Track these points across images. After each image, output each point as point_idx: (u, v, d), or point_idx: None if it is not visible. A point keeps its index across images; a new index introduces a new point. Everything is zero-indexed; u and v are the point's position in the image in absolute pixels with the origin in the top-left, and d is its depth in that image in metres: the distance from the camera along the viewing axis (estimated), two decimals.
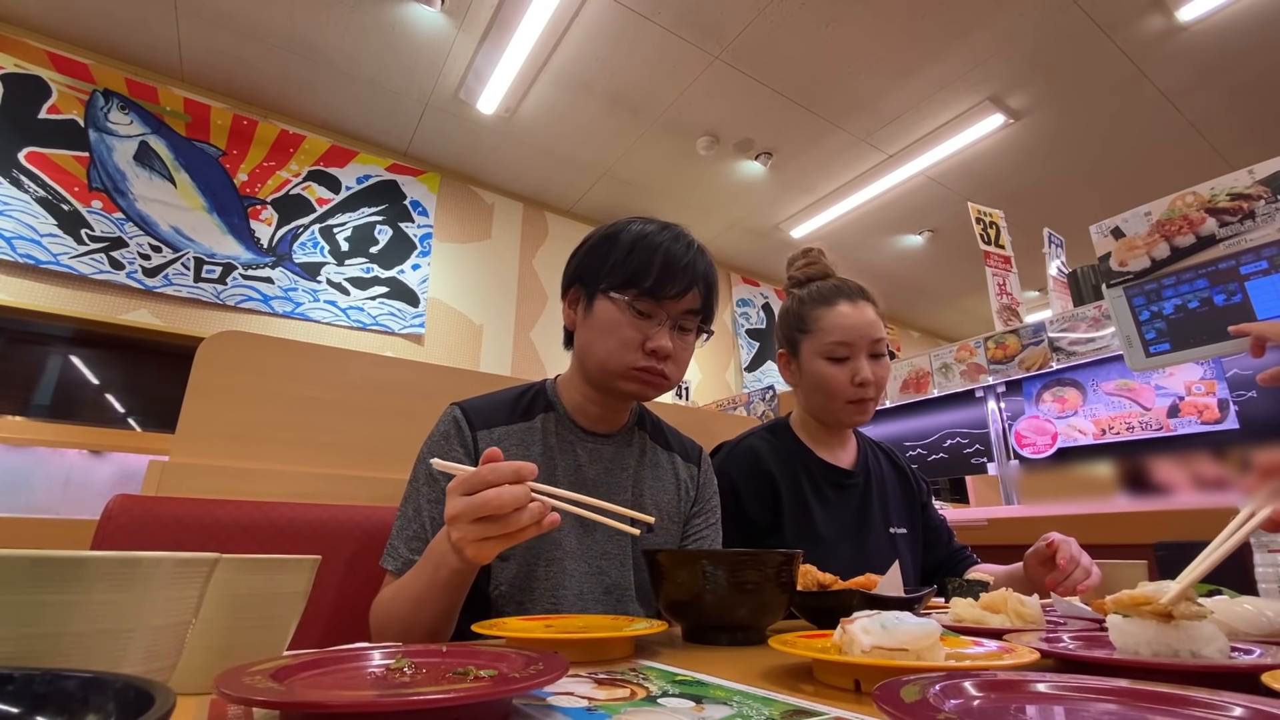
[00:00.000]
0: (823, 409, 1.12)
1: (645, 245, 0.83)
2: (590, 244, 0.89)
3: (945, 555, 1.21)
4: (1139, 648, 0.48)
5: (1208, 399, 1.72)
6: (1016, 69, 3.16)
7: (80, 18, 2.86)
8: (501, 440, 0.86)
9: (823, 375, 1.08)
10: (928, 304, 5.84)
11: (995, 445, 2.21)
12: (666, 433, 1.02)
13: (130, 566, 0.31)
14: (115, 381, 3.00)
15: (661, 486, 0.95)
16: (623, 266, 0.82)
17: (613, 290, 0.82)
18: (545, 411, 0.91)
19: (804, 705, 0.39)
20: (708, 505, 1.00)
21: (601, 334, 0.83)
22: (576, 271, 0.89)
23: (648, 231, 0.85)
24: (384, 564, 0.79)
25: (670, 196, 4.25)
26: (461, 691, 0.32)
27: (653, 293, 0.81)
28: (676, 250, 0.83)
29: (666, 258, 0.82)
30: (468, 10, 2.85)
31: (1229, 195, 1.40)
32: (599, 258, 0.85)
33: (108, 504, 0.83)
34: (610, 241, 0.85)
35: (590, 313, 0.85)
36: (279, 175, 3.38)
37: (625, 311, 0.82)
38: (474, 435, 0.85)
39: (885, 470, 1.22)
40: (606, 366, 0.84)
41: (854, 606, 0.58)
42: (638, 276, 0.81)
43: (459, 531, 0.58)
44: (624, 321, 0.82)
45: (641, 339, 0.82)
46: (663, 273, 0.81)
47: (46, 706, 0.24)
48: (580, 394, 0.91)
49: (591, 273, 0.86)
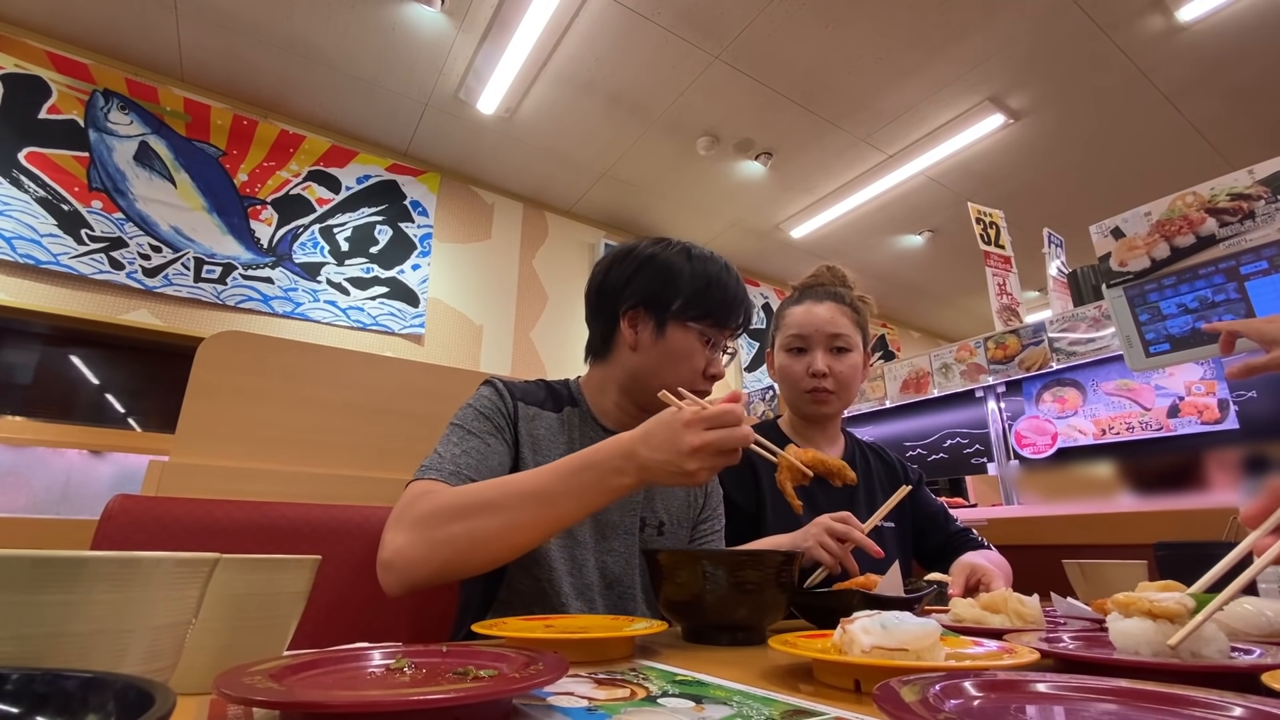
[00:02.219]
0: (791, 401, 1.21)
1: (718, 281, 0.91)
2: (650, 270, 0.91)
3: (943, 540, 1.22)
4: (1139, 648, 0.48)
5: (1208, 399, 1.71)
6: (1016, 69, 3.16)
7: (80, 18, 2.86)
8: (536, 419, 0.89)
9: (783, 367, 1.20)
10: (928, 304, 5.84)
11: (995, 445, 2.21)
12: None
13: (130, 566, 0.31)
14: (115, 381, 3.00)
15: (672, 491, 0.98)
16: (703, 299, 0.89)
17: (690, 320, 0.89)
18: (571, 406, 0.94)
19: (804, 705, 0.39)
20: (715, 511, 1.03)
21: (673, 360, 0.89)
22: (640, 293, 0.91)
23: (716, 269, 0.92)
24: (422, 475, 0.75)
25: (670, 196, 4.25)
26: (461, 691, 0.32)
27: (723, 324, 0.91)
28: (737, 286, 0.93)
29: (734, 294, 0.92)
30: (468, 10, 2.85)
31: (1229, 195, 1.40)
32: (669, 285, 0.90)
33: (108, 504, 0.83)
34: (675, 272, 0.90)
35: (662, 338, 0.89)
36: (279, 175, 3.38)
37: (699, 340, 0.89)
38: (515, 404, 0.88)
39: (874, 468, 1.25)
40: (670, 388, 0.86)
41: (854, 606, 0.58)
42: (714, 309, 0.90)
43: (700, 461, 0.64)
44: (697, 350, 0.90)
45: (706, 364, 0.90)
46: (731, 307, 0.91)
47: (46, 706, 0.24)
48: (613, 401, 0.94)
49: (662, 299, 0.90)
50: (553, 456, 0.86)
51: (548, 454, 0.87)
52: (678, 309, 0.89)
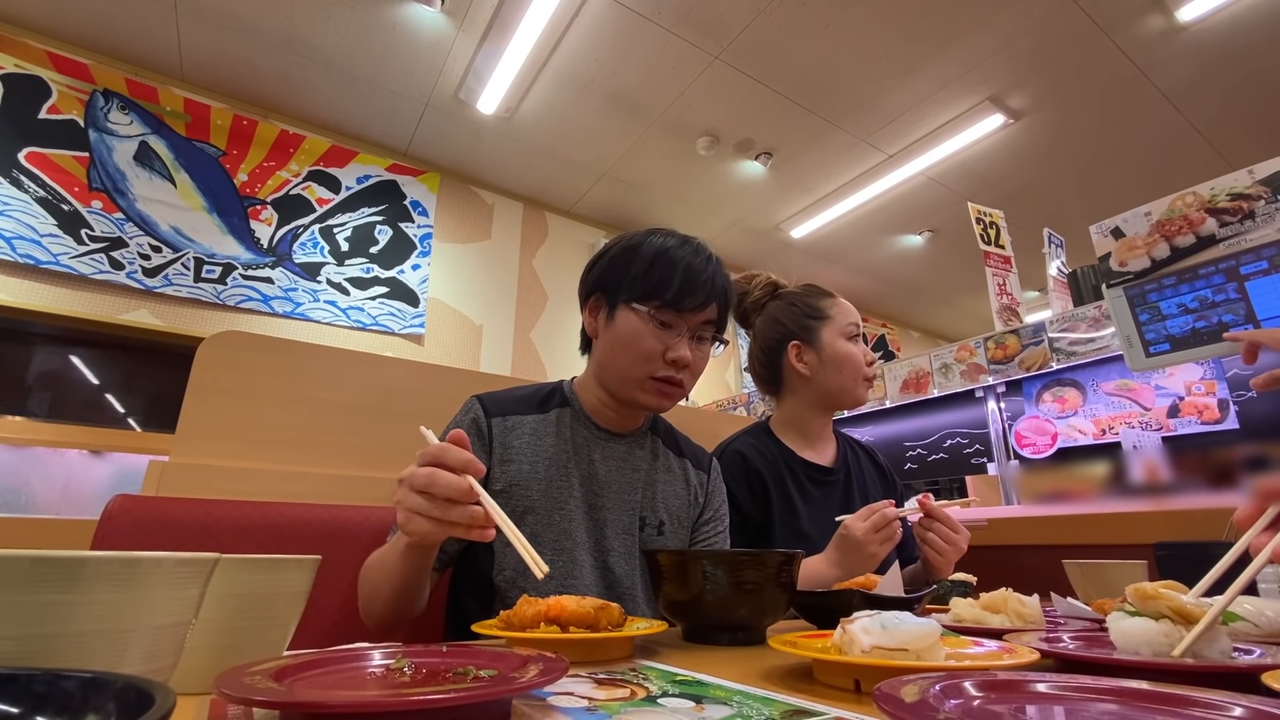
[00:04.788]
0: (846, 389, 1.19)
1: (667, 259, 0.85)
2: (611, 254, 0.90)
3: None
4: (1139, 648, 0.48)
5: (1208, 399, 1.72)
6: (1016, 69, 3.16)
7: (80, 18, 2.86)
8: (515, 429, 0.88)
9: (848, 354, 1.19)
10: (928, 304, 5.84)
11: (995, 445, 2.21)
12: (679, 439, 1.04)
13: (130, 566, 0.31)
14: (115, 381, 3.00)
15: (673, 490, 0.97)
16: (645, 279, 0.85)
17: (635, 301, 0.85)
18: (561, 407, 0.93)
19: (804, 705, 0.39)
20: (717, 513, 1.02)
21: (623, 344, 0.86)
22: (598, 281, 0.90)
23: (669, 245, 0.87)
24: (392, 532, 0.81)
25: (670, 196, 4.25)
26: (461, 691, 0.32)
27: (674, 304, 0.84)
28: (697, 264, 0.86)
29: (688, 271, 0.85)
30: (468, 10, 2.85)
31: (1229, 195, 1.40)
32: (621, 269, 0.87)
33: (108, 504, 0.83)
34: (631, 253, 0.87)
35: (612, 322, 0.87)
36: (279, 175, 3.38)
37: (648, 322, 0.84)
38: (489, 422, 0.87)
39: (865, 467, 1.27)
40: (628, 375, 0.86)
41: (854, 606, 0.58)
42: (660, 289, 0.84)
43: (399, 496, 0.60)
44: (646, 332, 0.84)
45: (662, 349, 0.84)
46: (684, 285, 0.84)
47: (46, 706, 0.24)
48: (597, 398, 0.93)
49: (613, 283, 0.88)
50: (524, 462, 0.86)
51: (519, 461, 0.86)
52: (625, 290, 0.86)
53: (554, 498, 0.86)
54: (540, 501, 0.85)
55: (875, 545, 0.89)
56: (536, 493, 0.85)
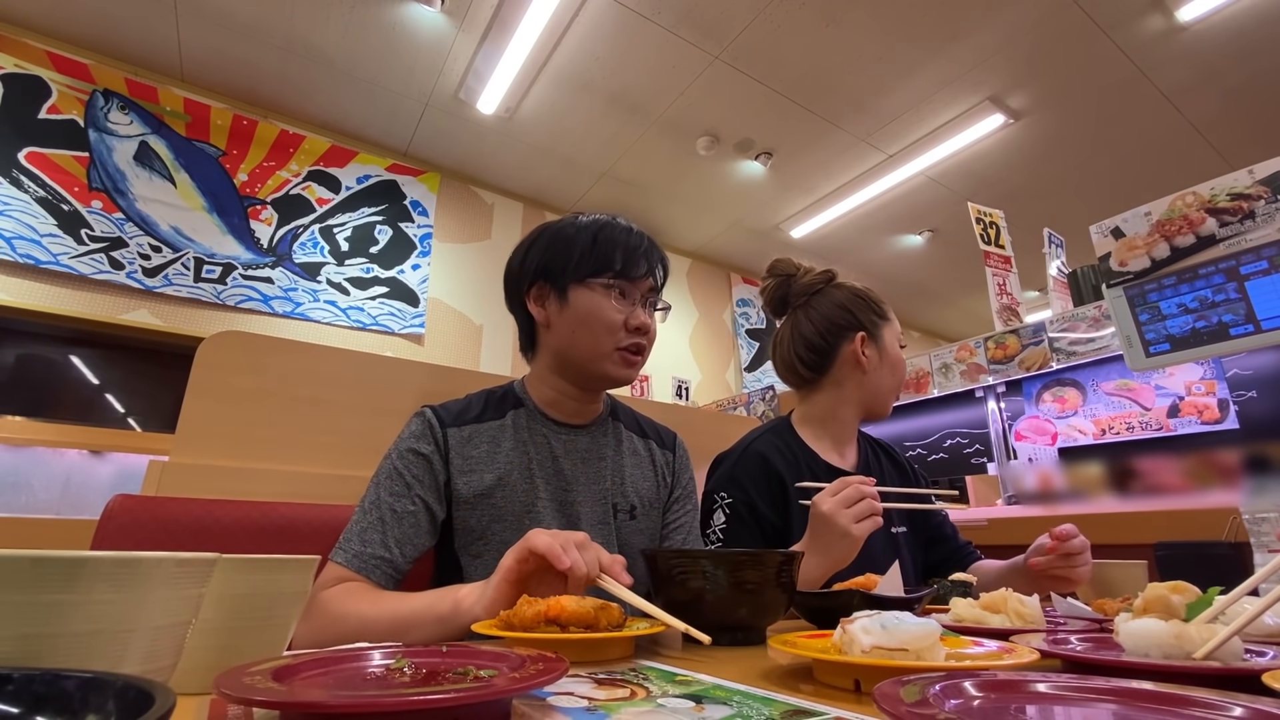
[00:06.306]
0: (892, 391, 1.20)
1: (606, 234, 0.89)
2: (541, 243, 0.91)
3: (950, 551, 1.22)
4: (1149, 650, 0.48)
5: (1208, 399, 1.72)
6: (1016, 69, 3.16)
7: (80, 18, 2.86)
8: (472, 437, 0.87)
9: (901, 359, 1.21)
10: (928, 304, 5.84)
11: (995, 445, 2.21)
12: (640, 421, 1.04)
13: (130, 566, 0.31)
14: (115, 381, 3.00)
15: (641, 473, 0.97)
16: (592, 256, 0.87)
17: (588, 277, 0.87)
18: (515, 408, 0.92)
19: (804, 705, 0.39)
20: (685, 491, 1.02)
21: (585, 321, 0.87)
22: (538, 270, 0.90)
23: (601, 221, 0.91)
24: (333, 557, 0.76)
25: (670, 196, 4.25)
26: (461, 691, 0.32)
27: (625, 274, 0.87)
28: (633, 237, 0.90)
29: (628, 242, 0.89)
30: (468, 10, 2.85)
31: (1229, 195, 1.40)
32: (561, 253, 0.89)
33: (108, 504, 0.83)
34: (566, 237, 0.89)
35: (566, 304, 0.88)
36: (279, 175, 3.38)
37: (606, 295, 0.87)
38: (444, 432, 0.86)
39: (886, 469, 1.24)
40: (597, 350, 0.87)
41: (854, 606, 0.58)
42: (608, 262, 0.87)
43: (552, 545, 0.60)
44: (606, 305, 0.87)
45: (624, 318, 0.87)
46: (628, 256, 0.88)
47: (46, 706, 0.24)
48: (553, 389, 0.93)
49: (557, 268, 0.89)
50: (485, 471, 0.85)
51: (479, 471, 0.85)
52: (573, 270, 0.87)
53: (521, 502, 0.85)
54: (507, 507, 0.85)
55: (847, 521, 0.84)
56: (501, 499, 0.85)
